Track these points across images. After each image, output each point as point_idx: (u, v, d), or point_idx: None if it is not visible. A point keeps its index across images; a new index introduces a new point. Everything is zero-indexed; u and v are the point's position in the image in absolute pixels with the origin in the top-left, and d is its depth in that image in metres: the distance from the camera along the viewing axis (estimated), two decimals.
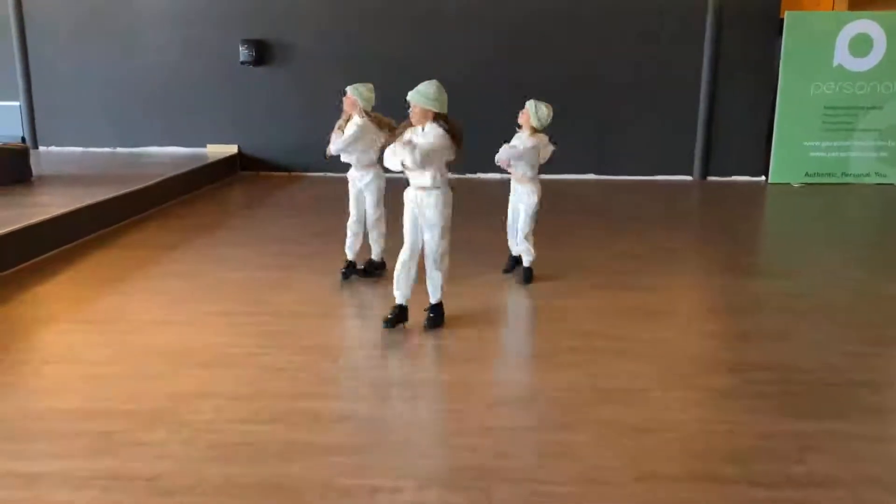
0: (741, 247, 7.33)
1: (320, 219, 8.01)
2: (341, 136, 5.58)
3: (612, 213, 8.74)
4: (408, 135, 4.50)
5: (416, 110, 4.41)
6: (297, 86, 11.02)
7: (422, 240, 4.69)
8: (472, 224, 6.08)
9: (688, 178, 11.02)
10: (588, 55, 10.71)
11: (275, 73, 11.03)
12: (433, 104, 4.36)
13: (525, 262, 5.79)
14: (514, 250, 5.96)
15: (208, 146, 11.28)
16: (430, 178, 4.50)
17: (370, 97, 5.61)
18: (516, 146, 5.59)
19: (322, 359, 4.30)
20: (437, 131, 4.40)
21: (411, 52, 10.62)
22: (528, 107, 5.53)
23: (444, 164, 4.54)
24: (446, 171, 4.59)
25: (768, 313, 5.19)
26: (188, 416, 3.55)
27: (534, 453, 3.24)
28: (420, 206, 4.58)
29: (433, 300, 4.80)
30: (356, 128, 5.50)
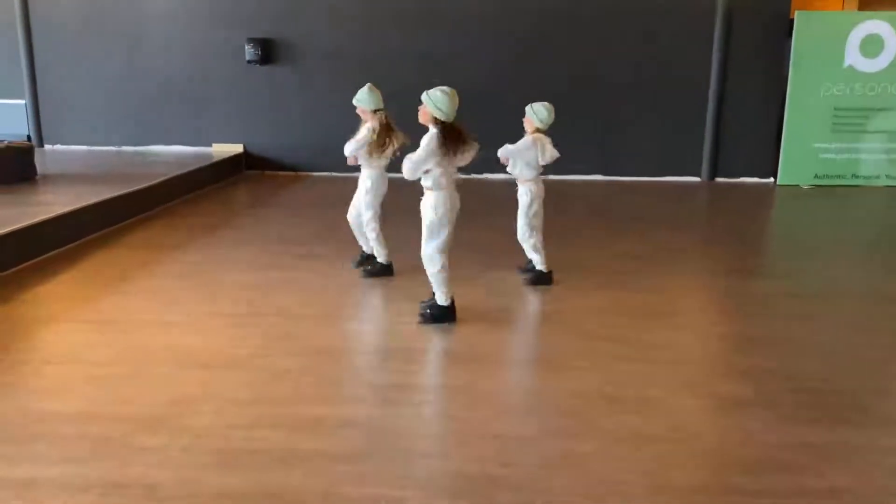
0: (749, 249, 7.25)
1: (325, 219, 7.94)
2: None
3: (618, 213, 8.65)
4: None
5: (421, 110, 4.57)
6: (303, 85, 10.96)
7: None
8: (476, 224, 6.02)
9: (696, 179, 10.92)
10: (594, 56, 10.62)
11: (281, 72, 10.97)
12: (436, 110, 4.50)
13: (536, 265, 5.72)
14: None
15: (213, 145, 11.22)
16: (427, 179, 4.65)
17: (367, 97, 5.60)
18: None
19: (325, 362, 4.24)
20: (428, 136, 4.55)
21: (418, 52, 10.55)
22: (527, 111, 5.57)
23: (442, 167, 4.56)
24: (443, 174, 4.60)
25: (778, 318, 5.10)
26: (189, 421, 3.49)
27: (542, 463, 3.16)
28: (421, 206, 4.76)
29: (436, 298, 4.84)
30: (367, 131, 5.63)
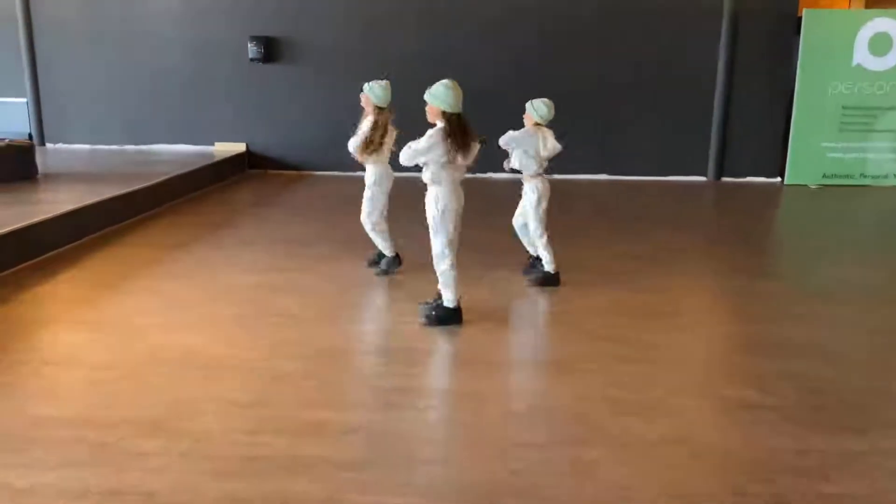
0: (756, 249, 7.17)
1: (328, 219, 7.87)
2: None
3: (623, 213, 8.57)
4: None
5: (428, 108, 4.55)
6: (306, 83, 10.89)
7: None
8: (478, 224, 5.94)
9: (702, 178, 10.84)
10: (599, 55, 10.53)
11: (284, 71, 10.91)
12: (438, 102, 4.47)
13: (545, 265, 5.65)
14: (531, 250, 5.86)
15: (216, 144, 11.17)
16: (426, 174, 4.62)
17: (381, 95, 5.61)
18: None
19: (328, 365, 4.17)
20: (432, 130, 4.51)
21: (424, 50, 10.48)
22: (527, 107, 5.56)
23: (444, 162, 4.50)
24: (444, 170, 4.53)
25: (785, 319, 5.02)
26: (189, 426, 3.42)
27: (550, 470, 3.08)
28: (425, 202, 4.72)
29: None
30: (368, 125, 5.60)
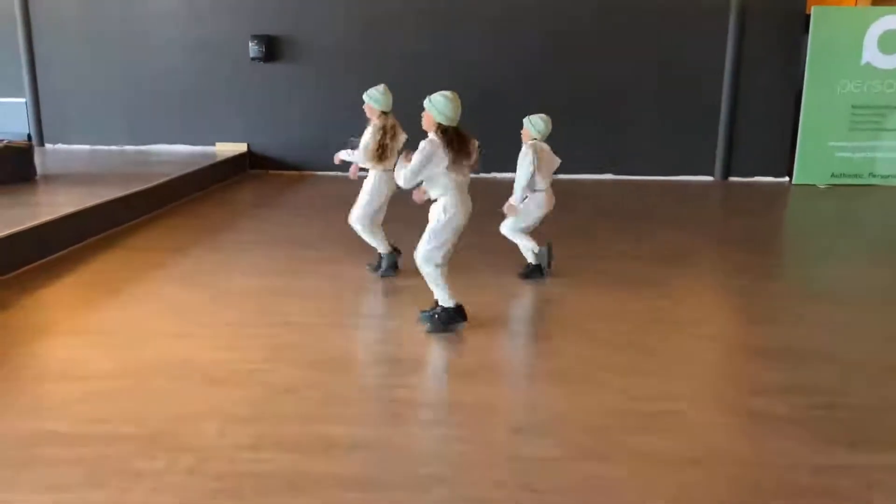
0: (767, 251, 7.04)
1: (331, 220, 7.74)
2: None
3: (630, 214, 8.43)
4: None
5: (424, 115, 4.44)
6: (307, 83, 10.76)
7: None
8: (483, 226, 5.81)
9: (709, 178, 10.71)
10: (605, 55, 10.40)
11: (285, 70, 10.77)
12: (436, 112, 4.37)
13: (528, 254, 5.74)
14: (527, 256, 5.80)
15: (217, 144, 11.04)
16: (433, 191, 4.54)
17: (382, 99, 5.54)
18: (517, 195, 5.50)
19: (333, 376, 4.04)
20: (424, 143, 4.39)
21: (426, 50, 10.36)
22: (525, 123, 5.53)
23: (445, 168, 4.40)
24: (448, 176, 4.43)
25: (798, 325, 4.90)
26: (190, 441, 3.29)
27: (567, 487, 2.95)
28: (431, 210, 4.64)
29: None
30: (374, 131, 5.54)
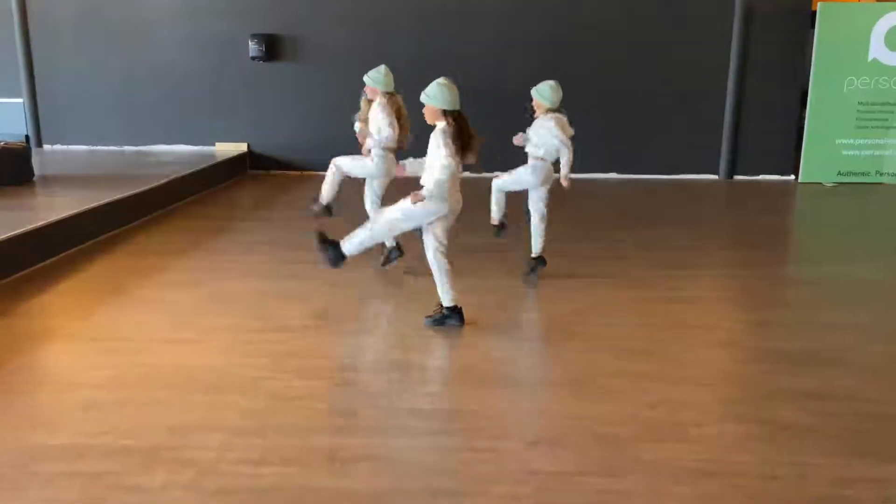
0: (776, 251, 6.93)
1: (332, 221, 7.61)
2: (365, 128, 5.65)
3: (636, 213, 8.32)
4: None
5: (426, 110, 4.39)
6: (308, 82, 10.64)
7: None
8: (489, 227, 5.73)
9: (714, 177, 10.59)
10: (613, 52, 10.27)
11: (286, 69, 10.65)
12: (436, 102, 4.32)
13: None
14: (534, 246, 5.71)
15: (217, 144, 10.92)
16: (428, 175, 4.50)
17: (381, 78, 5.55)
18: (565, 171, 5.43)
19: (337, 384, 3.94)
20: (437, 135, 4.36)
21: (428, 48, 10.23)
22: (533, 94, 5.45)
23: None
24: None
25: (818, 328, 4.79)
26: (191, 455, 3.19)
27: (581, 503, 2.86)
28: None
29: None
30: (383, 112, 5.49)
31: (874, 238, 7.48)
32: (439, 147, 4.32)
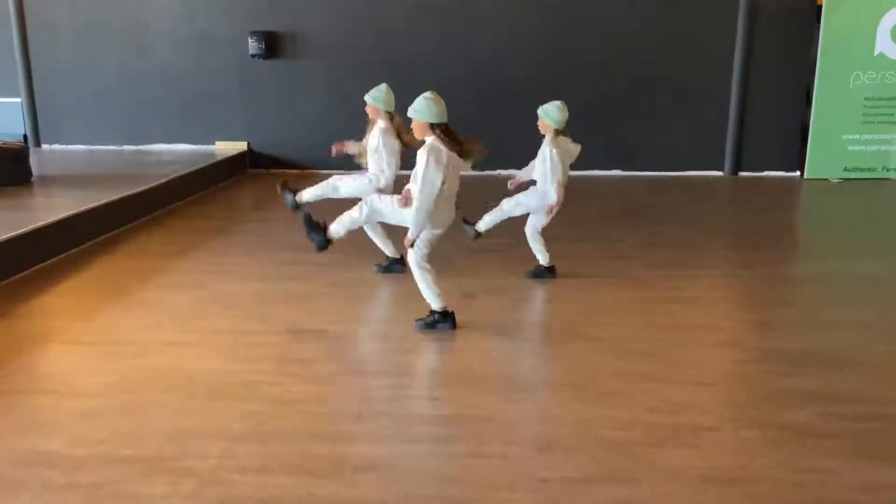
0: (782, 249, 6.82)
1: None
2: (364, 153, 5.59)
3: (640, 211, 8.20)
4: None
5: (413, 124, 4.36)
6: (309, 80, 10.53)
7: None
8: (495, 228, 5.65)
9: (718, 173, 10.49)
10: (616, 47, 10.17)
11: (286, 67, 10.54)
12: (423, 116, 4.27)
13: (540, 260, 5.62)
14: (539, 257, 5.64)
15: (217, 143, 10.82)
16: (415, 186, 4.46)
17: (382, 97, 5.40)
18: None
19: (340, 388, 3.85)
20: (424, 153, 4.26)
21: (430, 46, 10.14)
22: (539, 114, 5.32)
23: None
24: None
25: (825, 327, 4.69)
26: (192, 463, 3.10)
27: None
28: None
29: None
30: (385, 137, 5.34)
31: (880, 234, 7.38)
32: (426, 166, 4.22)
